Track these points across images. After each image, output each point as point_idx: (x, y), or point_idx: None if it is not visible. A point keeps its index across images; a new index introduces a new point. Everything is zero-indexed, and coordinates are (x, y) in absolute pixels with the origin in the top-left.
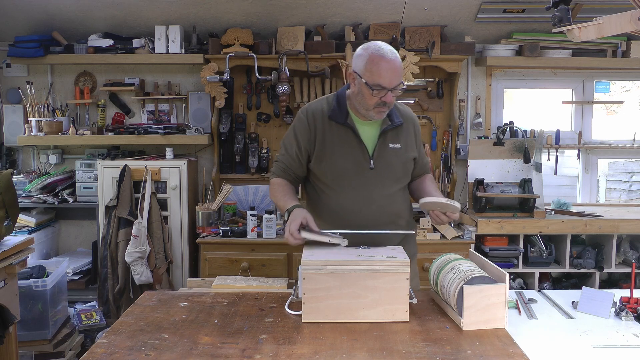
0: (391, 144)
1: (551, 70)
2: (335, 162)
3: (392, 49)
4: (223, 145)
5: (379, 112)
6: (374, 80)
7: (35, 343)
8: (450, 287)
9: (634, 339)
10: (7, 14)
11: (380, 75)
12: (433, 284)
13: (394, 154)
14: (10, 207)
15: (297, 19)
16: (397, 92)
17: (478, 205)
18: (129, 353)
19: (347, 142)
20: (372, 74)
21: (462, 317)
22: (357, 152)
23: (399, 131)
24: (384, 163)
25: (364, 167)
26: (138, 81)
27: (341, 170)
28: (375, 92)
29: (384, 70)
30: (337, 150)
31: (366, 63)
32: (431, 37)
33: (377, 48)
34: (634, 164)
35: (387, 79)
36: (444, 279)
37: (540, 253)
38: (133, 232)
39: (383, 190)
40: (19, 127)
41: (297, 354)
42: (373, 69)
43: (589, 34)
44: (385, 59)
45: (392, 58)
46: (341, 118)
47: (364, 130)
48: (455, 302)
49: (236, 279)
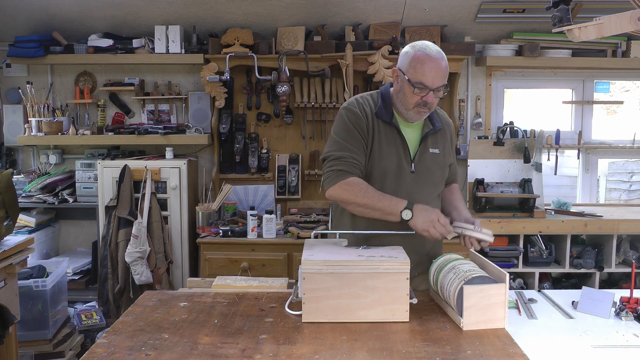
0: (431, 148)
1: (551, 70)
2: (380, 161)
3: (440, 50)
4: (223, 145)
5: (419, 112)
6: (417, 78)
7: (35, 343)
8: (450, 287)
9: (634, 339)
10: (7, 14)
11: (424, 73)
12: (433, 284)
13: (433, 159)
14: (10, 207)
15: (297, 19)
16: (439, 93)
17: (478, 205)
18: (129, 353)
19: (393, 141)
20: (416, 71)
21: (462, 317)
22: (401, 154)
23: (439, 136)
24: (423, 168)
25: (405, 170)
26: (138, 81)
27: (384, 170)
28: (417, 91)
29: (428, 69)
30: (384, 149)
31: (411, 60)
32: (431, 37)
33: (424, 46)
34: (634, 164)
35: (430, 77)
36: (444, 278)
37: (540, 253)
38: (133, 232)
39: (421, 195)
40: (19, 127)
41: (297, 354)
42: (417, 67)
43: (589, 34)
44: (430, 58)
45: (438, 58)
46: (387, 117)
47: (407, 132)
48: (455, 302)
49: (236, 279)
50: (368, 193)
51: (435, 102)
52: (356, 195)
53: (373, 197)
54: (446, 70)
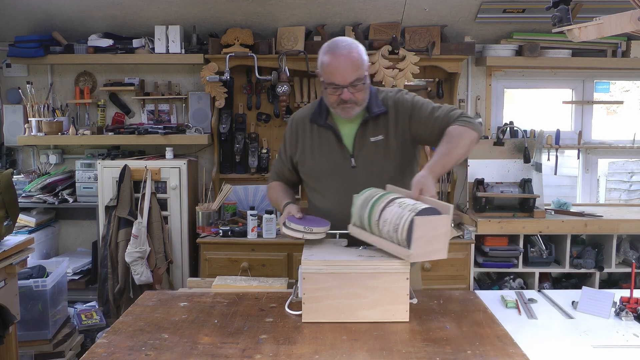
0: (372, 137)
1: (551, 70)
2: (316, 164)
3: (351, 42)
4: (223, 145)
5: (343, 109)
6: (327, 78)
7: (35, 343)
8: (399, 220)
9: (634, 339)
10: (7, 14)
11: (331, 72)
12: (361, 219)
13: (376, 148)
14: (10, 207)
15: (297, 19)
16: (356, 87)
17: (478, 205)
18: (129, 353)
19: (328, 143)
20: (325, 72)
21: (410, 248)
22: (337, 152)
23: (382, 120)
24: (365, 159)
25: (344, 167)
26: (138, 81)
27: (321, 171)
28: (332, 90)
29: (334, 68)
30: (317, 152)
31: (321, 62)
32: (431, 37)
33: (331, 45)
34: (634, 164)
35: (340, 76)
36: (387, 212)
37: (540, 253)
38: (133, 232)
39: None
40: (19, 127)
41: (297, 354)
42: (325, 68)
43: (589, 34)
44: (335, 55)
45: (344, 53)
46: (321, 119)
47: (346, 129)
48: (404, 235)
49: (236, 279)
50: (272, 195)
51: (358, 97)
52: (269, 196)
53: (272, 198)
54: (358, 63)
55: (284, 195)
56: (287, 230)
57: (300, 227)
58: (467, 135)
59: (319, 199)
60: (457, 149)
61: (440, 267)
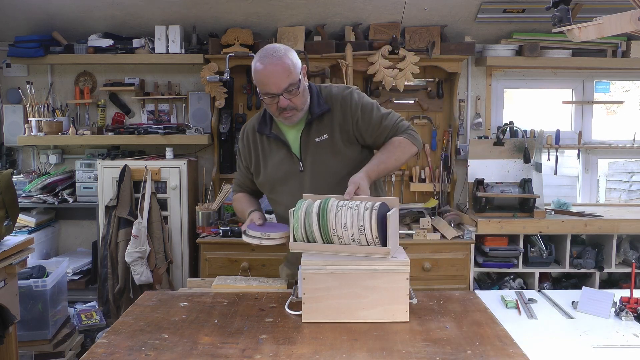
0: (317, 137)
1: (551, 70)
2: (268, 174)
3: (280, 48)
4: (223, 145)
5: (285, 117)
6: (261, 89)
7: (35, 343)
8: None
9: (634, 339)
10: (7, 14)
11: (264, 82)
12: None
13: (321, 148)
14: (10, 207)
15: (297, 19)
16: (291, 94)
17: (478, 205)
18: (129, 353)
19: (276, 151)
20: (257, 82)
21: (387, 245)
22: (286, 160)
23: (326, 120)
24: (312, 161)
25: (294, 172)
26: (138, 81)
27: (274, 180)
28: (269, 100)
29: (266, 77)
30: (269, 162)
31: (254, 74)
32: (431, 37)
33: (261, 54)
34: (634, 164)
35: (272, 85)
36: (343, 218)
37: (540, 253)
38: (133, 232)
39: (319, 190)
40: (19, 127)
41: (297, 354)
42: (257, 78)
43: (589, 34)
44: (264, 64)
45: (273, 62)
46: (266, 129)
47: (292, 134)
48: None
49: (236, 279)
50: (237, 206)
51: (296, 102)
52: (235, 208)
53: (237, 209)
54: (288, 70)
55: (248, 204)
56: (245, 237)
57: (257, 233)
58: (408, 149)
59: (276, 207)
60: (395, 160)
61: (440, 267)
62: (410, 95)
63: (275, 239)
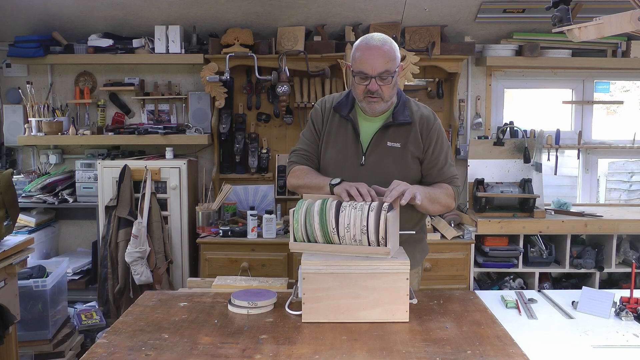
0: (390, 142)
1: (551, 70)
2: (331, 154)
3: (386, 37)
4: (223, 145)
5: (369, 102)
6: (357, 67)
7: (35, 343)
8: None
9: (634, 339)
10: (7, 14)
11: (362, 61)
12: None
13: (389, 153)
14: (10, 207)
15: (297, 19)
16: (384, 80)
17: (478, 205)
18: (129, 353)
19: (345, 135)
20: (355, 60)
21: (387, 245)
22: (351, 147)
23: (404, 130)
24: (376, 161)
25: (354, 163)
26: (138, 81)
27: (335, 163)
28: (359, 80)
29: (366, 57)
30: (334, 143)
31: (353, 52)
32: (431, 37)
33: (367, 37)
34: (634, 164)
35: (369, 65)
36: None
37: (540, 253)
38: (133, 232)
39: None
40: (19, 127)
41: (297, 354)
42: (356, 57)
43: (589, 34)
44: (368, 45)
45: (376, 45)
46: (344, 111)
47: (365, 126)
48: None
49: (236, 279)
50: (307, 175)
51: (384, 90)
52: (299, 178)
53: (311, 177)
54: (388, 56)
55: (320, 176)
56: (231, 307)
57: (244, 302)
58: (450, 202)
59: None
60: (439, 204)
61: (440, 267)
62: (410, 95)
63: (262, 307)
